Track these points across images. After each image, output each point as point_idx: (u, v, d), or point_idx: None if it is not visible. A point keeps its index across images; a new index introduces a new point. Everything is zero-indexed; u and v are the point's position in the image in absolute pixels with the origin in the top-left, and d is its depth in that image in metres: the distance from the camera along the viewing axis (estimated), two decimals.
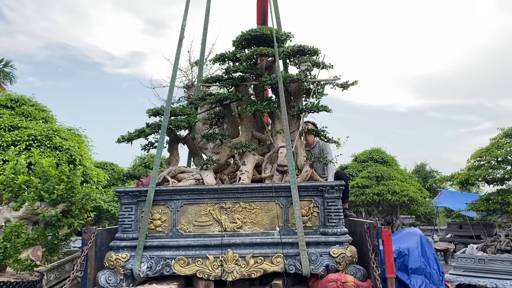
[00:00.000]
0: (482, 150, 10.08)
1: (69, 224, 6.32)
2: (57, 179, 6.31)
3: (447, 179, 11.29)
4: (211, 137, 5.73)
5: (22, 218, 6.23)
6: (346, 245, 4.71)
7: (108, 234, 5.17)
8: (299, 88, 5.83)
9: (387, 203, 15.17)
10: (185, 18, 6.00)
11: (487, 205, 9.81)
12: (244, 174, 5.27)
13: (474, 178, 9.76)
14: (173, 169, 5.63)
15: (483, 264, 8.85)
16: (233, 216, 4.89)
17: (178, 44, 5.81)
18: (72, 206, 6.35)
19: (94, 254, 4.79)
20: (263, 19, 8.13)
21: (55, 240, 6.38)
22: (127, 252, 4.79)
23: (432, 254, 8.84)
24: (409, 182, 16.80)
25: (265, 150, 5.97)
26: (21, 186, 6.27)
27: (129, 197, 4.96)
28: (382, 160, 18.36)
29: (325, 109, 5.43)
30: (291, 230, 4.81)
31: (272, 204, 4.90)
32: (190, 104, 6.29)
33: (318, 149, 6.60)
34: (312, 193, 4.88)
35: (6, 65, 25.39)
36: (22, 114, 10.23)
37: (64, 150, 9.17)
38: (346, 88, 5.73)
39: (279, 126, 5.65)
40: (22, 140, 8.80)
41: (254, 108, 5.49)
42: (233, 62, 6.05)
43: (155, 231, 4.92)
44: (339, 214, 4.80)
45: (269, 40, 5.73)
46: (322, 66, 5.78)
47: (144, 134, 5.58)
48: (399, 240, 8.94)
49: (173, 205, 4.96)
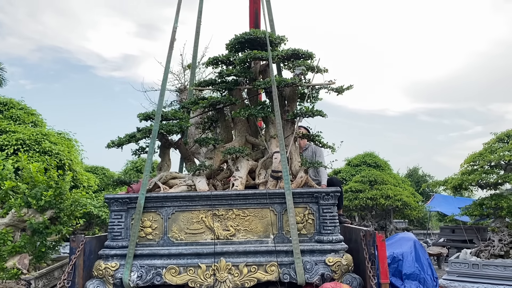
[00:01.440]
0: (475, 154, 10.08)
1: (57, 231, 6.18)
2: (45, 185, 6.17)
3: (440, 183, 11.29)
4: (203, 142, 5.61)
5: (8, 225, 6.07)
6: (341, 253, 4.61)
7: (97, 242, 5.02)
8: (294, 93, 5.74)
9: (381, 208, 15.14)
10: (177, 20, 5.90)
11: (480, 209, 9.81)
12: (237, 180, 5.16)
13: (468, 182, 9.75)
14: (164, 174, 5.50)
15: (477, 269, 8.82)
16: (226, 223, 4.78)
17: (169, 46, 5.71)
18: (61, 212, 6.21)
19: (82, 263, 4.63)
20: (255, 22, 8.04)
21: (43, 247, 6.23)
22: (117, 260, 4.65)
23: (426, 259, 8.80)
24: (402, 187, 16.80)
25: (259, 155, 5.87)
26: (8, 192, 6.13)
27: (118, 204, 4.83)
28: (375, 164, 18.36)
29: (320, 113, 5.34)
30: (286, 237, 4.70)
31: (266, 211, 4.79)
32: (183, 108, 6.18)
33: (310, 152, 6.52)
34: (307, 200, 4.78)
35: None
36: (10, 118, 10.06)
37: (53, 154, 9.03)
38: (341, 92, 5.65)
39: (273, 131, 5.55)
40: (10, 144, 8.64)
41: (247, 112, 5.39)
42: (227, 65, 5.96)
43: (146, 239, 4.79)
44: (335, 221, 4.71)
45: (263, 44, 5.64)
46: (317, 70, 5.70)
47: (135, 139, 5.44)
48: (393, 245, 8.89)
49: (164, 212, 4.83)
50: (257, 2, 7.88)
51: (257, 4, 7.86)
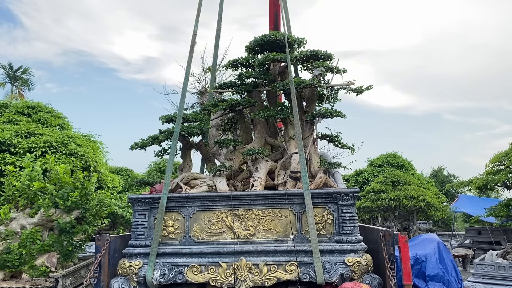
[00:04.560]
0: (501, 154, 9.88)
1: (83, 230, 6.37)
2: (71, 185, 6.37)
3: (465, 184, 11.10)
4: (224, 143, 5.70)
5: (37, 224, 6.29)
6: (361, 253, 4.62)
7: (121, 241, 5.16)
8: (313, 94, 5.77)
9: (404, 209, 14.93)
10: (197, 24, 6.00)
11: (507, 210, 9.60)
12: (257, 181, 5.22)
13: (493, 183, 9.57)
14: (186, 175, 5.61)
15: (503, 271, 8.64)
16: (246, 223, 4.84)
17: (190, 50, 5.82)
18: (87, 212, 6.40)
19: (107, 261, 4.79)
20: (275, 24, 8.09)
21: (69, 246, 6.44)
22: (140, 259, 4.78)
23: (450, 261, 8.65)
24: (426, 187, 16.54)
25: (278, 156, 5.92)
26: (37, 193, 6.35)
27: (142, 204, 4.96)
28: (398, 165, 18.14)
29: (339, 114, 5.36)
30: (305, 237, 4.74)
31: (285, 211, 4.83)
32: (203, 110, 6.28)
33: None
34: (326, 200, 4.80)
35: (24, 72, 25.96)
36: (38, 121, 10.40)
37: (79, 156, 9.28)
38: (360, 93, 5.65)
39: (292, 132, 5.59)
40: (38, 146, 8.92)
41: (266, 114, 5.45)
42: (246, 68, 6.03)
43: (168, 238, 4.90)
44: (354, 222, 4.71)
45: (282, 46, 5.69)
46: (336, 71, 5.71)
47: (157, 140, 5.58)
48: (416, 246, 8.77)
49: (186, 212, 4.93)
50: (277, 4, 7.93)
51: (277, 5, 7.90)
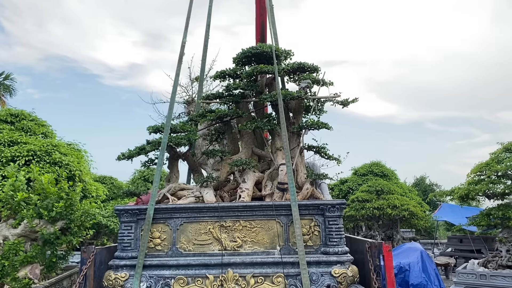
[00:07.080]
0: (482, 164, 10.09)
1: (68, 241, 6.28)
2: (56, 196, 6.29)
3: (447, 193, 11.29)
4: (211, 154, 5.71)
5: (20, 235, 6.18)
6: (347, 264, 4.67)
7: (107, 252, 5.11)
8: (299, 105, 5.84)
9: (387, 218, 15.09)
10: (185, 35, 6.03)
11: (487, 220, 9.80)
12: (244, 192, 5.25)
13: (475, 192, 9.76)
14: (173, 186, 5.60)
15: (484, 280, 8.80)
16: (233, 234, 4.86)
17: (178, 61, 5.84)
18: (71, 223, 6.32)
19: (93, 274, 4.74)
20: (261, 34, 8.18)
21: (53, 257, 6.34)
22: (126, 271, 4.74)
23: (433, 270, 8.80)
24: (409, 196, 16.75)
25: (265, 167, 5.96)
26: (20, 203, 6.25)
27: (128, 215, 4.93)
28: (382, 174, 18.35)
29: (325, 126, 5.43)
30: (292, 249, 4.77)
31: (272, 222, 4.86)
32: (191, 120, 6.30)
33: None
34: (313, 212, 4.85)
35: (6, 78, 25.46)
36: (21, 129, 10.23)
37: (63, 165, 9.16)
38: (346, 105, 5.74)
39: (279, 143, 5.64)
40: (21, 155, 8.78)
41: (254, 125, 5.49)
42: (234, 79, 6.08)
43: (155, 249, 4.88)
44: (341, 233, 4.77)
45: (269, 57, 5.76)
46: (322, 83, 5.80)
47: (145, 151, 5.57)
48: (400, 255, 8.90)
49: (173, 223, 4.92)
50: (263, 15, 8.03)
51: (263, 16, 8.00)
